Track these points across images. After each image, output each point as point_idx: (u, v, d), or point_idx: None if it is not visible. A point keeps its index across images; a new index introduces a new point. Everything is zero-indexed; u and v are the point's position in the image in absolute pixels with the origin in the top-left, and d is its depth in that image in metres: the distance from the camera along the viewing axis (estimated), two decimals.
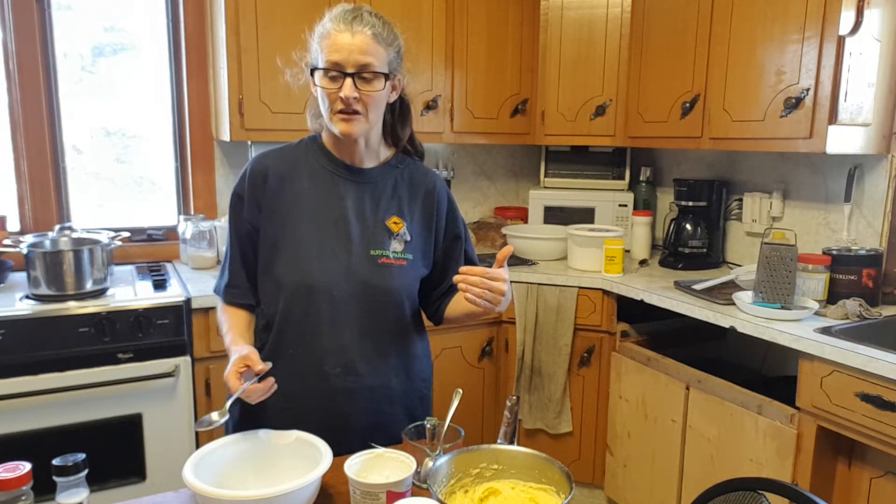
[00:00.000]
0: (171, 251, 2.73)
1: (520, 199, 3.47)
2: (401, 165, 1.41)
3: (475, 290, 1.20)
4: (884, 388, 1.64)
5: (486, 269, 1.22)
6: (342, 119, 1.25)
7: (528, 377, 2.68)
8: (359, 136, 1.30)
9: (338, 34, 1.22)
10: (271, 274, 1.32)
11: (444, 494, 1.01)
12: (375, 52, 1.23)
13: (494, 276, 1.21)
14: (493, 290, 1.21)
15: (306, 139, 1.40)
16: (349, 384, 1.32)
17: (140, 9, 2.66)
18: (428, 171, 1.44)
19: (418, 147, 1.46)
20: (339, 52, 1.21)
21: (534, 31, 2.92)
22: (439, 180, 1.44)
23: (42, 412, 1.98)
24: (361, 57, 1.22)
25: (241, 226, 1.35)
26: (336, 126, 1.27)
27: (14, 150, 2.48)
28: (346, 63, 1.22)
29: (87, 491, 0.96)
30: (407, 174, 1.40)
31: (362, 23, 1.23)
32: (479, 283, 1.20)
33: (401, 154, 1.43)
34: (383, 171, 1.38)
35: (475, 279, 1.20)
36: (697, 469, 2.19)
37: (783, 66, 2.14)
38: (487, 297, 1.21)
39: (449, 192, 1.46)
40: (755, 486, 1.17)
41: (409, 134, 1.43)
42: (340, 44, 1.21)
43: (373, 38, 1.23)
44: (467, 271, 1.22)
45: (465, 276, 1.21)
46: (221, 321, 1.37)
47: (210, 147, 2.78)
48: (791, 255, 2.03)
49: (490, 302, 1.22)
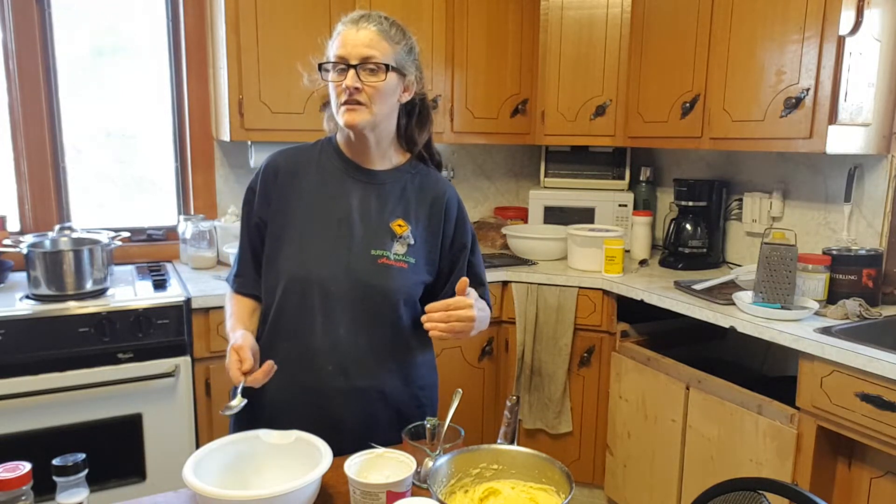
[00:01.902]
0: (171, 251, 2.73)
1: (520, 199, 3.47)
2: (413, 171, 1.41)
3: (441, 325, 1.22)
4: (884, 388, 1.64)
5: (447, 302, 1.23)
6: (347, 109, 1.28)
7: (528, 377, 2.68)
8: (363, 129, 1.30)
9: (346, 31, 1.28)
10: (273, 266, 1.34)
11: (444, 494, 1.01)
12: (379, 46, 1.27)
13: (457, 305, 1.23)
14: (460, 318, 1.23)
15: (322, 140, 1.43)
16: (340, 384, 1.32)
17: (140, 9, 2.66)
18: (440, 178, 1.45)
19: (435, 155, 1.47)
20: (345, 47, 1.27)
21: (534, 31, 2.92)
22: (451, 189, 1.44)
23: (42, 412, 1.98)
24: (365, 49, 1.26)
25: (252, 219, 1.39)
26: (341, 117, 1.29)
27: (14, 150, 2.48)
28: (349, 56, 1.26)
29: (87, 491, 0.96)
30: (418, 180, 1.41)
31: (369, 20, 1.29)
32: (443, 318, 1.22)
33: (415, 160, 1.43)
34: (394, 175, 1.39)
35: (438, 315, 1.22)
36: (697, 469, 2.19)
37: (783, 66, 2.14)
38: (456, 328, 1.23)
39: (460, 202, 1.45)
40: (755, 486, 1.17)
41: (427, 140, 1.44)
42: (345, 38, 1.27)
43: (377, 34, 1.27)
44: (430, 309, 1.23)
45: (430, 315, 1.23)
46: (227, 306, 1.41)
47: (210, 147, 2.78)
48: (791, 255, 2.03)
49: (461, 331, 1.24)
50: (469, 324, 1.24)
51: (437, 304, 1.23)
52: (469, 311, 1.23)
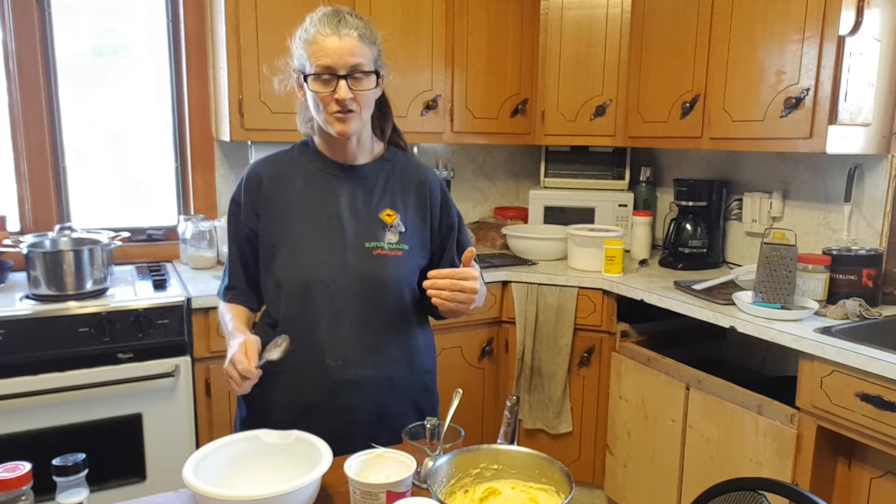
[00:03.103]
0: (171, 251, 2.73)
1: (520, 199, 3.47)
2: (393, 159, 1.43)
3: (444, 293, 1.23)
4: (884, 388, 1.64)
5: (454, 270, 1.24)
6: (338, 119, 1.28)
7: (528, 377, 2.68)
8: (354, 134, 1.33)
9: (325, 38, 1.25)
10: (271, 274, 1.36)
11: (444, 494, 1.01)
12: (363, 52, 1.26)
13: (463, 275, 1.24)
14: (463, 289, 1.24)
15: (298, 144, 1.44)
16: (351, 377, 1.33)
17: (140, 9, 2.66)
18: (420, 164, 1.48)
19: (402, 138, 1.49)
20: (329, 56, 1.24)
21: (534, 31, 2.92)
22: (431, 172, 1.46)
23: (42, 412, 1.98)
24: (352, 58, 1.25)
25: (240, 231, 1.40)
26: (333, 127, 1.29)
27: (14, 150, 2.48)
28: (337, 66, 1.24)
29: (87, 491, 0.96)
30: (399, 168, 1.43)
31: (348, 25, 1.26)
32: (447, 285, 1.23)
33: (392, 148, 1.46)
34: (375, 166, 1.41)
35: (444, 282, 1.23)
36: (697, 469, 2.19)
37: (783, 66, 2.14)
38: (459, 298, 1.24)
39: (442, 184, 1.48)
40: (755, 486, 1.17)
41: (392, 125, 1.46)
42: (329, 48, 1.24)
43: (359, 39, 1.26)
44: (435, 275, 1.24)
45: (434, 281, 1.23)
46: (223, 314, 1.41)
47: (210, 147, 2.77)
48: (791, 255, 2.03)
49: (463, 302, 1.25)
50: (472, 295, 1.25)
51: (442, 272, 1.24)
52: (473, 282, 1.25)
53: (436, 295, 1.24)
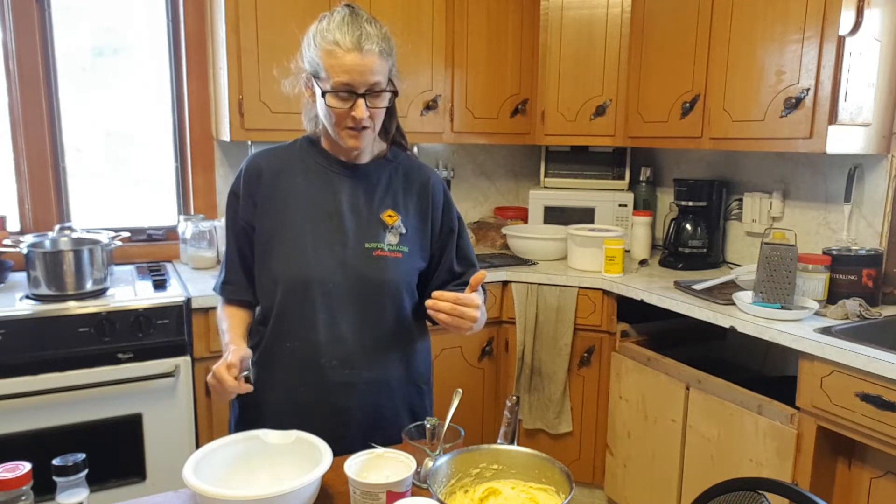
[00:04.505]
0: (171, 251, 2.73)
1: (520, 199, 3.47)
2: (395, 160, 1.42)
3: (442, 316, 1.23)
4: (884, 388, 1.64)
5: (457, 296, 1.23)
6: (351, 136, 1.27)
7: (528, 377, 2.68)
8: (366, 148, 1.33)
9: (345, 54, 1.20)
10: (267, 268, 1.33)
11: (444, 494, 1.01)
12: (382, 69, 1.24)
13: (466, 302, 1.23)
14: (463, 315, 1.23)
15: (301, 139, 1.42)
16: (346, 378, 1.32)
17: (140, 9, 2.66)
18: (423, 165, 1.46)
19: (405, 138, 1.47)
20: (350, 74, 1.21)
21: (534, 31, 2.92)
22: (434, 174, 1.45)
23: (42, 412, 1.98)
24: (372, 77, 1.22)
25: (238, 223, 1.38)
26: (346, 142, 1.29)
27: (14, 150, 2.48)
28: (357, 84, 1.22)
29: (87, 491, 0.96)
30: (402, 168, 1.42)
31: (370, 40, 1.21)
32: (449, 309, 1.22)
33: (395, 148, 1.44)
34: (378, 166, 1.39)
35: (445, 305, 1.22)
36: (697, 469, 2.19)
37: (783, 66, 2.14)
38: (457, 322, 1.24)
39: (444, 187, 1.46)
40: (755, 486, 1.17)
41: (397, 125, 1.44)
42: (349, 65, 1.20)
43: (379, 56, 1.22)
44: (438, 297, 1.23)
45: (436, 303, 1.23)
46: (221, 319, 1.39)
47: (210, 147, 2.78)
48: (791, 255, 2.03)
49: (459, 327, 1.25)
50: (469, 323, 1.25)
51: (447, 295, 1.23)
52: (474, 311, 1.24)
53: (435, 316, 1.24)
